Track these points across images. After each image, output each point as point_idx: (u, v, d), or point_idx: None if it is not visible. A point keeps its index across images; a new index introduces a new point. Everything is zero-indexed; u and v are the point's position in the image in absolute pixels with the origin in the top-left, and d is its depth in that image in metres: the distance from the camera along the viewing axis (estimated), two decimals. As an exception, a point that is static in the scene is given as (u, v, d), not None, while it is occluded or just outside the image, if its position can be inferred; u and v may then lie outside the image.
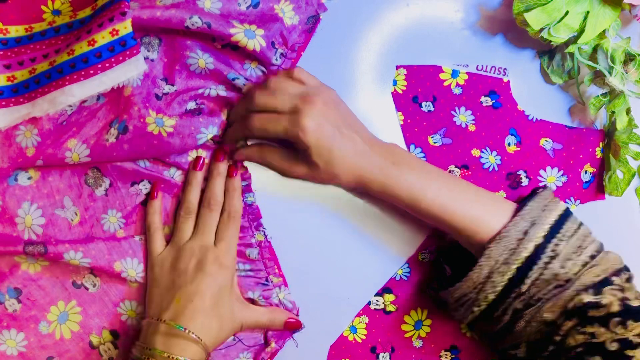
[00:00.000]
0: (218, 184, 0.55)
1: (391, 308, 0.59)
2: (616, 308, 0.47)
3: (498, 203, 0.53)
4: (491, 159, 0.58)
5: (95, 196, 0.55)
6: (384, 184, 0.52)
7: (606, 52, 0.55)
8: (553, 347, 0.49)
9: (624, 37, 0.56)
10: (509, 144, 0.59)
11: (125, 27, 0.49)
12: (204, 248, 0.53)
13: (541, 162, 0.59)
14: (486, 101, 0.59)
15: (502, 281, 0.49)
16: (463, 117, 0.58)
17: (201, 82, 0.55)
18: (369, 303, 0.59)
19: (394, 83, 0.58)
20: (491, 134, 0.59)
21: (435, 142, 0.58)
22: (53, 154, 0.52)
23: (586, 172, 0.60)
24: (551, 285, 0.48)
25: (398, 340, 0.59)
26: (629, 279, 0.50)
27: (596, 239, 0.51)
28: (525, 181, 0.59)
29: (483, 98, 0.59)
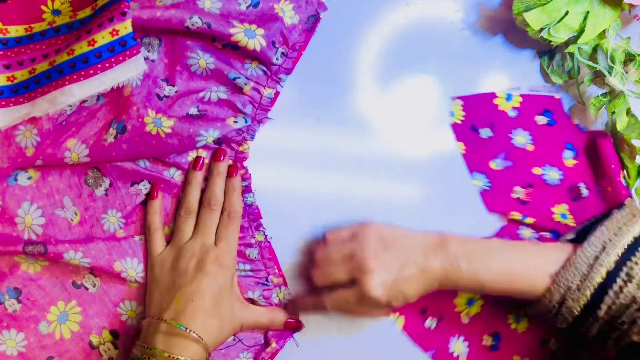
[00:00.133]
0: (218, 184, 0.55)
1: None
2: None
3: (551, 249, 0.53)
4: (553, 175, 0.59)
5: (95, 196, 0.55)
6: (451, 285, 0.53)
7: (606, 52, 0.55)
8: None
9: (624, 37, 0.56)
10: (567, 158, 0.59)
11: (125, 27, 0.49)
12: (204, 248, 0.53)
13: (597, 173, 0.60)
14: (541, 120, 0.60)
15: (578, 306, 0.50)
16: (521, 138, 0.59)
17: (202, 84, 0.55)
18: None
19: (452, 115, 0.59)
20: (549, 151, 0.60)
21: (497, 166, 0.59)
22: (52, 154, 0.52)
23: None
24: (632, 308, 0.49)
25: (448, 311, 0.59)
26: None
27: None
28: (585, 192, 0.59)
29: (538, 117, 0.60)
